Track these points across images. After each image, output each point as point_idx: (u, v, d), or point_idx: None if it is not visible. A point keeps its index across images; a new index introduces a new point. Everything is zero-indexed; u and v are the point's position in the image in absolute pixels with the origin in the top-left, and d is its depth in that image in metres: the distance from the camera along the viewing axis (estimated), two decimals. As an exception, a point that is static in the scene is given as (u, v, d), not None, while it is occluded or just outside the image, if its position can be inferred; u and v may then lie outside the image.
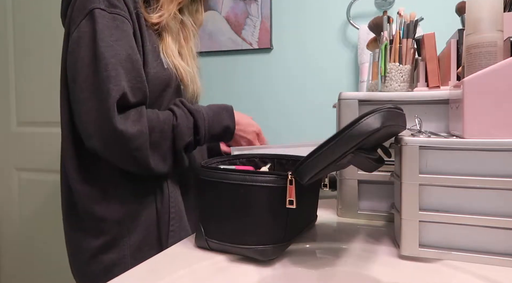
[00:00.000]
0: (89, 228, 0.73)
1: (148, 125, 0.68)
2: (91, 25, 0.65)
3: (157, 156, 0.70)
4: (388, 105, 0.49)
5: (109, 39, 0.65)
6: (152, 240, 0.74)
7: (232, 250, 0.53)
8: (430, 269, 0.48)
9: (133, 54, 0.68)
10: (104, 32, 0.65)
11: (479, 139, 0.49)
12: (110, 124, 0.63)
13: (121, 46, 0.66)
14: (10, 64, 1.81)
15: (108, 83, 0.63)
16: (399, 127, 0.51)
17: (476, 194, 0.49)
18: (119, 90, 0.64)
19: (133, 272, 0.48)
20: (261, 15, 1.47)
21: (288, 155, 0.73)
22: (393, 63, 0.78)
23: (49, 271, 1.75)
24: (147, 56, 0.72)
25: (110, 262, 0.71)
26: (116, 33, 0.66)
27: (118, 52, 0.65)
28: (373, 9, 1.34)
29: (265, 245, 0.51)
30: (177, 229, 0.75)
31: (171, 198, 0.76)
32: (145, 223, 0.73)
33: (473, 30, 0.57)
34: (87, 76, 0.65)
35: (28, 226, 1.80)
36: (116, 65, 0.64)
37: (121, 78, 0.65)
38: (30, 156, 1.76)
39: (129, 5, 0.70)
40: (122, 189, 0.73)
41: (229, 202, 0.53)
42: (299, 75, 1.45)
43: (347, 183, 0.72)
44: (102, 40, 0.64)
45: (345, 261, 0.51)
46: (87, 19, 0.66)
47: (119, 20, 0.67)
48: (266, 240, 0.52)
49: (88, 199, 0.73)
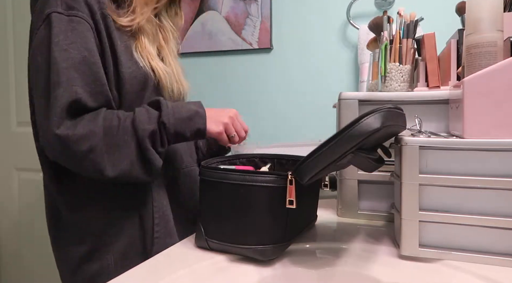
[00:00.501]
0: (72, 237, 0.71)
1: (103, 125, 0.63)
2: (48, 30, 0.64)
3: (119, 157, 0.64)
4: (388, 105, 0.49)
5: (64, 43, 0.63)
6: (137, 248, 0.71)
7: (232, 250, 0.53)
8: (430, 269, 0.48)
9: (90, 56, 0.65)
10: (58, 36, 0.63)
11: (479, 139, 0.49)
12: (50, 130, 0.60)
13: (76, 49, 0.64)
14: (10, 64, 1.81)
15: (57, 89, 0.61)
16: (399, 127, 0.51)
17: (476, 194, 0.49)
18: (69, 96, 0.61)
19: (133, 272, 0.48)
20: (261, 15, 1.47)
21: (288, 155, 0.72)
22: (393, 63, 0.78)
23: (49, 271, 1.75)
24: (120, 56, 0.70)
25: (94, 272, 0.69)
26: (71, 36, 0.64)
27: (71, 55, 0.63)
28: (373, 9, 1.34)
29: (265, 245, 0.51)
30: (162, 235, 0.72)
31: (155, 203, 0.73)
32: (128, 230, 0.71)
33: (473, 30, 0.57)
34: (41, 82, 0.63)
35: (27, 226, 1.80)
36: (68, 70, 0.62)
37: (74, 83, 0.62)
38: (30, 156, 1.76)
39: (91, 5, 0.67)
40: (101, 196, 0.70)
41: (229, 202, 0.53)
42: (299, 75, 1.45)
43: (347, 183, 0.72)
44: (56, 44, 0.63)
45: (345, 261, 0.51)
46: (45, 24, 0.64)
47: (75, 21, 0.65)
48: (266, 240, 0.52)
49: (67, 208, 0.71)
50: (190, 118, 0.69)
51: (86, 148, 0.61)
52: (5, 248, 1.85)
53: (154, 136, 0.65)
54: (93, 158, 0.62)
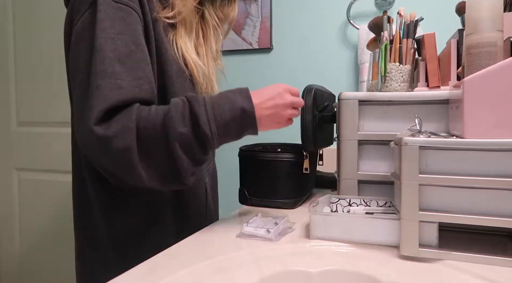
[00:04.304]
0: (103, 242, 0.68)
1: (136, 119, 0.56)
2: (94, 15, 0.57)
3: (150, 157, 0.56)
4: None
5: (111, 31, 0.57)
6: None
7: (267, 203, 0.82)
8: (430, 269, 0.48)
9: (138, 51, 0.59)
10: (105, 22, 0.57)
11: (479, 139, 0.49)
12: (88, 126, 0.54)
13: (123, 40, 0.58)
14: (10, 64, 1.81)
15: (100, 80, 0.54)
16: (323, 93, 0.84)
17: (476, 194, 0.49)
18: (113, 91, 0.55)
19: (133, 272, 0.48)
20: (261, 15, 1.47)
21: (291, 143, 1.01)
22: (393, 63, 0.78)
23: (49, 271, 1.75)
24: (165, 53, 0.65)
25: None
26: (119, 25, 0.58)
27: (118, 47, 0.57)
28: (373, 9, 1.34)
29: (289, 199, 0.81)
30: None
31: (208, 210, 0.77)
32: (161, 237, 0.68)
33: (473, 30, 0.57)
34: (81, 71, 0.57)
35: (27, 226, 1.80)
36: (114, 61, 0.56)
37: (119, 77, 0.56)
38: (30, 156, 1.76)
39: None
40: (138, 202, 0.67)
41: (266, 172, 0.82)
42: (299, 75, 1.45)
43: (347, 183, 0.72)
44: (102, 31, 0.56)
45: (345, 261, 0.51)
46: (92, 9, 0.58)
47: (125, 10, 0.59)
48: (290, 196, 0.82)
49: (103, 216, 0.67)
50: (236, 120, 0.59)
51: (118, 146, 0.54)
52: (5, 248, 1.85)
53: (185, 141, 0.56)
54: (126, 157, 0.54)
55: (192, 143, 0.57)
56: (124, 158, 0.54)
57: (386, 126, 0.70)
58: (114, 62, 0.56)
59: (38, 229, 1.77)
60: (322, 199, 0.67)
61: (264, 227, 0.61)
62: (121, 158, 0.55)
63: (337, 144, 0.74)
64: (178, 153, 0.56)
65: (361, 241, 0.56)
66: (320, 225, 0.58)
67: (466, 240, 0.57)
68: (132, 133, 0.55)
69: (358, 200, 0.67)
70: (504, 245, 0.56)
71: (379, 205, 0.66)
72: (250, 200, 0.83)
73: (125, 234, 0.68)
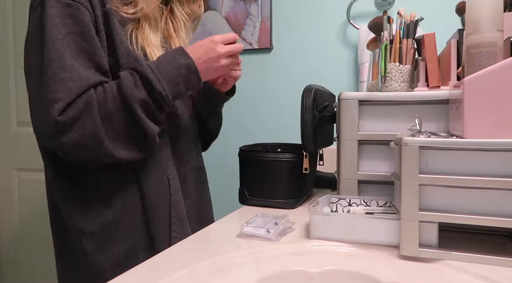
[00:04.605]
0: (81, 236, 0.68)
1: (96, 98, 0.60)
2: (43, 12, 0.59)
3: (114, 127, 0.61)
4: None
5: (61, 27, 0.59)
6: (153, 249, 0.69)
7: (268, 203, 0.82)
8: (430, 269, 0.48)
9: (90, 45, 0.62)
10: (54, 20, 0.59)
11: (479, 139, 0.49)
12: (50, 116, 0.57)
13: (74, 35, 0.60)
14: (10, 64, 1.81)
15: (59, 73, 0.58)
16: (323, 93, 0.84)
17: (476, 194, 0.49)
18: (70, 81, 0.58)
19: (133, 272, 0.48)
20: (261, 15, 1.47)
21: (290, 143, 1.00)
22: (393, 63, 0.78)
23: (49, 271, 1.75)
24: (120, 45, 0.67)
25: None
26: (69, 21, 0.60)
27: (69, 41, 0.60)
28: (373, 9, 1.34)
29: (289, 199, 0.82)
30: (178, 235, 0.71)
31: (172, 202, 0.71)
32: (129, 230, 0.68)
33: (473, 30, 0.57)
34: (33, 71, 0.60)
35: (27, 226, 1.80)
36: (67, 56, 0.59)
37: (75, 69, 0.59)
38: (30, 156, 1.76)
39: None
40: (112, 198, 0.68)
41: (265, 172, 0.82)
42: (299, 75, 1.45)
43: (347, 183, 0.72)
44: (53, 27, 0.58)
45: (345, 261, 0.51)
46: (40, 6, 0.60)
47: (74, 7, 0.61)
48: (290, 195, 0.82)
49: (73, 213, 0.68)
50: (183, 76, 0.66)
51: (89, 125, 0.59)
52: (5, 248, 1.85)
53: (145, 105, 0.63)
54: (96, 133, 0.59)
55: (150, 105, 0.63)
56: (92, 134, 0.59)
57: (386, 126, 0.70)
58: (67, 56, 0.59)
59: (38, 229, 1.77)
60: (322, 199, 0.67)
61: (264, 227, 0.61)
62: (88, 134, 0.59)
63: (337, 144, 0.74)
64: (142, 116, 0.62)
65: (361, 241, 0.56)
66: (320, 225, 0.58)
67: (466, 240, 0.57)
68: (94, 110, 0.59)
69: (358, 200, 0.68)
70: (504, 245, 0.56)
71: (379, 205, 0.66)
72: (250, 200, 0.84)
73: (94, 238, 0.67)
